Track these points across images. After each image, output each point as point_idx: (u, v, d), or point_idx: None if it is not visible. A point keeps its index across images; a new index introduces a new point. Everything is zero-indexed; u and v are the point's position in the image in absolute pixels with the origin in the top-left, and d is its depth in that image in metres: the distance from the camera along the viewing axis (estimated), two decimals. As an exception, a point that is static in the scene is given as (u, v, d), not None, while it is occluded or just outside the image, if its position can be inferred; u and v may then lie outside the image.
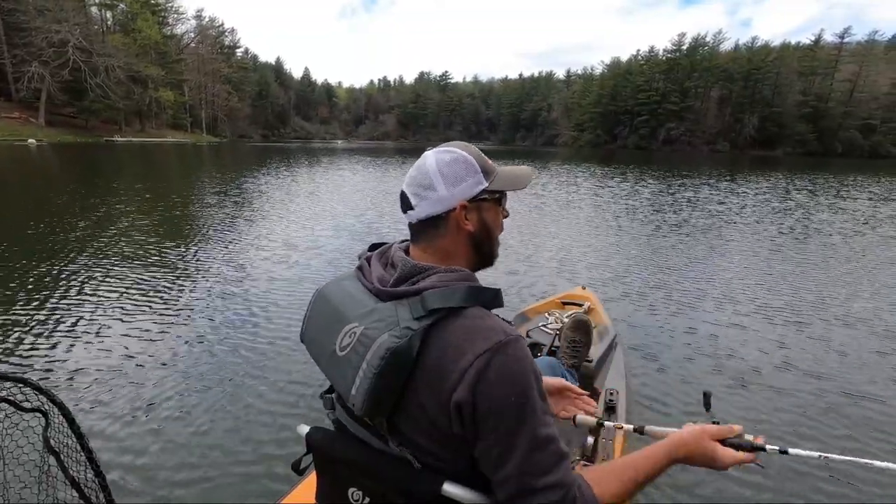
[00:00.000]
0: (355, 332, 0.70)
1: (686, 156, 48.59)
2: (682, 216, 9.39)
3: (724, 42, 72.48)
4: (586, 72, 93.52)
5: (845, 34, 65.95)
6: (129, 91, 48.74)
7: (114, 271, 4.80)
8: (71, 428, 0.92)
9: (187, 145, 45.48)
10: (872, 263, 6.04)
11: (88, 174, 15.94)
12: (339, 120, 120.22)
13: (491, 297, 0.72)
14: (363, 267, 0.82)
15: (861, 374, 3.10)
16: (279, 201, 10.18)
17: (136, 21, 55.06)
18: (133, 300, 4.04)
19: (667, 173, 20.69)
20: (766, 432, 2.45)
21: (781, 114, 62.51)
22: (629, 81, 74.36)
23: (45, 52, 40.46)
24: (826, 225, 8.76)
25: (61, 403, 0.91)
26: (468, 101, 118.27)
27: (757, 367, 3.17)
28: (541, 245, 6.59)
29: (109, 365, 2.91)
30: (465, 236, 0.79)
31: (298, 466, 0.87)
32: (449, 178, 0.77)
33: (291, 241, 6.43)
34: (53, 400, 0.90)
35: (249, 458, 2.12)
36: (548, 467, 0.65)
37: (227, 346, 3.23)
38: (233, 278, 4.74)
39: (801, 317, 4.13)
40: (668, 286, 4.89)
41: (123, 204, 9.09)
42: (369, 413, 0.68)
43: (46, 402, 0.89)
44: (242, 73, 76.80)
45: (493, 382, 0.63)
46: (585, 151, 58.22)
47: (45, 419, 0.89)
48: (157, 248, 5.84)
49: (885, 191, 15.40)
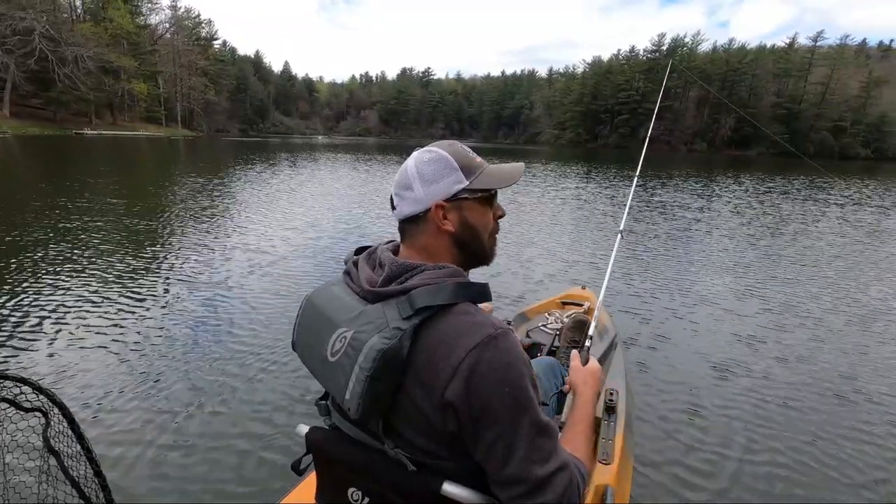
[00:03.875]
0: (346, 337, 0.70)
1: (665, 155, 49.49)
2: (682, 216, 9.41)
3: (703, 43, 74.06)
4: (568, 70, 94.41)
5: (818, 38, 67.97)
6: (100, 82, 47.04)
7: (108, 271, 4.53)
8: (71, 428, 0.92)
9: (162, 139, 44.14)
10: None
11: (54, 168, 15.21)
12: (320, 115, 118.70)
13: (478, 293, 0.73)
14: (350, 271, 0.81)
15: (868, 380, 3.06)
16: (265, 202, 9.83)
17: (108, 10, 53.02)
18: (132, 300, 3.97)
19: (651, 172, 20.87)
20: (763, 426, 2.53)
21: (756, 115, 64.00)
22: (610, 81, 75.14)
23: (10, 40, 38.62)
24: (827, 225, 8.85)
25: (61, 403, 0.91)
26: (450, 99, 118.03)
27: (758, 367, 3.19)
28: (541, 245, 6.54)
29: (107, 365, 2.88)
30: (446, 236, 0.78)
31: (298, 466, 0.87)
32: (425, 178, 0.76)
33: (290, 241, 6.26)
34: (53, 400, 0.90)
35: (249, 458, 2.12)
36: (550, 452, 0.67)
37: (226, 346, 3.20)
38: (231, 278, 4.63)
39: (802, 315, 4.17)
40: (669, 286, 4.90)
41: (95, 200, 8.62)
42: (365, 416, 0.68)
43: (46, 402, 0.90)
44: (220, 66, 74.85)
45: (486, 377, 0.64)
46: (567, 150, 58.88)
47: (45, 419, 0.89)
48: (151, 248, 5.55)
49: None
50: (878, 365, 3.30)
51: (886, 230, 8.81)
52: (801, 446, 2.38)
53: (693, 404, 2.71)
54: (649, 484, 2.05)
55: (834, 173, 24.38)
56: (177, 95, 63.83)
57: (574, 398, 1.01)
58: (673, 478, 2.10)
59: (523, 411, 0.65)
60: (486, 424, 0.65)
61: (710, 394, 2.83)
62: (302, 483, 1.24)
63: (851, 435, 2.50)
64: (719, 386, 2.93)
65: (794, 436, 2.46)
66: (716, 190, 14.84)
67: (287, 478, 1.78)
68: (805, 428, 2.53)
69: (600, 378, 1.07)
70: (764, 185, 17.01)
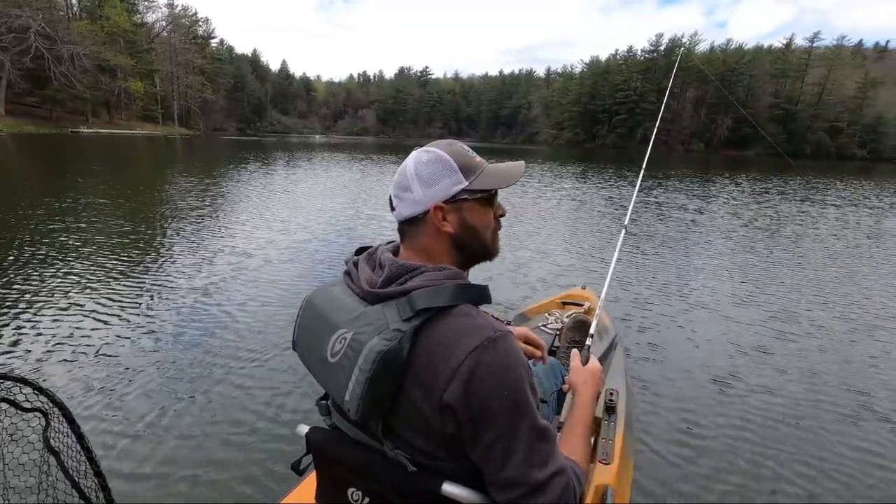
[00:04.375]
0: (345, 338, 0.70)
1: (663, 155, 49.52)
2: (681, 216, 9.39)
3: (700, 44, 74.14)
4: (566, 70, 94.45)
5: (815, 38, 68.20)
6: (97, 80, 46.78)
7: (107, 272, 4.45)
8: (71, 428, 0.92)
9: (158, 138, 43.92)
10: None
11: (49, 167, 15.08)
12: (318, 114, 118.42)
13: (478, 294, 0.72)
14: (350, 271, 0.81)
15: (871, 386, 3.03)
16: (258, 203, 9.77)
17: (104, 7, 52.81)
18: (132, 300, 3.93)
19: (647, 173, 20.85)
20: (764, 426, 2.52)
21: (754, 115, 64.12)
22: (608, 81, 75.22)
23: (5, 37, 38.39)
24: (825, 227, 8.84)
25: (61, 403, 0.91)
26: (448, 98, 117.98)
27: (758, 367, 3.18)
28: (541, 245, 6.51)
29: (106, 366, 2.85)
30: (445, 238, 0.77)
31: (298, 467, 0.87)
32: (424, 180, 0.75)
33: (288, 239, 6.21)
34: (53, 400, 0.90)
35: (249, 458, 2.11)
36: (548, 455, 0.67)
37: (226, 346, 3.18)
38: (232, 278, 4.60)
39: (802, 315, 4.17)
40: (670, 286, 4.88)
41: (81, 200, 8.53)
42: (365, 417, 0.68)
43: (46, 402, 0.90)
44: (217, 65, 74.62)
45: (486, 380, 0.64)
46: (565, 150, 58.85)
47: (45, 419, 0.89)
48: (150, 248, 5.49)
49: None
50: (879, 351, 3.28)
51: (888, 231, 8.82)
52: (803, 446, 2.37)
53: (693, 405, 2.69)
54: (649, 484, 2.04)
55: (830, 174, 24.44)
56: (174, 94, 63.56)
57: (573, 398, 1.00)
58: (673, 478, 2.09)
59: (522, 414, 0.65)
60: (485, 427, 0.64)
61: (711, 394, 2.82)
62: (302, 483, 1.24)
63: (853, 435, 2.48)
64: (719, 386, 2.92)
65: (795, 435, 2.44)
66: (713, 191, 14.85)
67: (287, 478, 1.77)
68: (807, 427, 2.51)
69: (601, 378, 1.05)
70: (760, 185, 17.03)
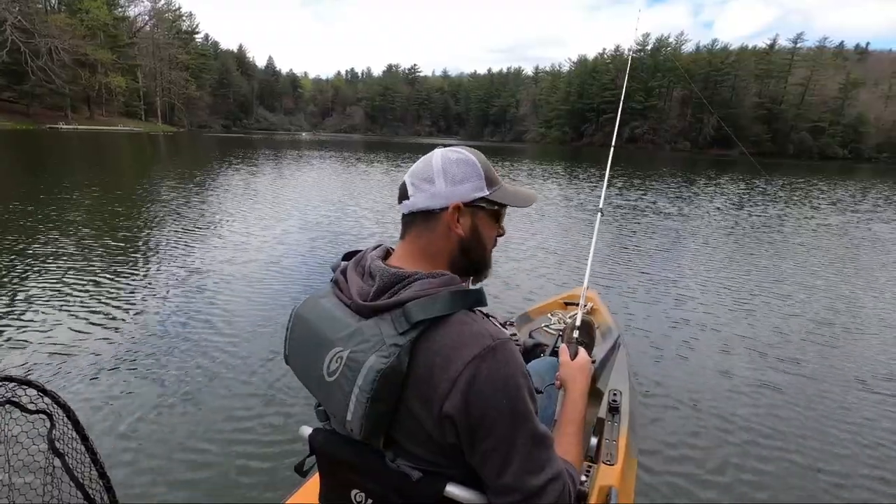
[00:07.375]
0: (342, 357, 0.68)
1: (649, 154, 50.02)
2: (681, 216, 9.39)
3: (686, 43, 74.96)
4: (554, 69, 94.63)
5: (798, 39, 69.25)
6: (76, 75, 45.85)
7: (108, 272, 4.29)
8: (76, 430, 0.92)
9: (141, 135, 43.12)
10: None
11: (25, 165, 14.62)
12: (305, 111, 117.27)
13: (474, 299, 0.71)
14: (339, 280, 0.79)
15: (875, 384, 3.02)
16: (240, 202, 9.55)
17: (83, 1, 51.63)
18: (131, 300, 3.93)
19: (639, 171, 20.96)
20: (767, 426, 2.50)
21: (739, 114, 64.98)
22: (595, 79, 75.62)
23: (-21, 30, 37.48)
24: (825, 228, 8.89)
25: (66, 405, 0.91)
26: (437, 96, 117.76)
27: (760, 367, 3.17)
28: (542, 245, 6.47)
29: (106, 367, 2.84)
30: (455, 240, 0.77)
31: (302, 468, 0.87)
32: (450, 176, 0.75)
33: (287, 238, 6.19)
34: (58, 401, 0.90)
35: (253, 459, 2.12)
36: (545, 461, 0.67)
37: (228, 347, 3.17)
38: (232, 279, 4.56)
39: (802, 316, 4.19)
40: (672, 286, 4.88)
41: (81, 198, 8.25)
42: (368, 435, 0.67)
43: (51, 403, 0.89)
44: (202, 60, 73.58)
45: (485, 389, 0.63)
46: (553, 148, 59.15)
47: (49, 421, 0.89)
48: (148, 247, 5.28)
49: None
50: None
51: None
52: (806, 445, 2.35)
53: (697, 405, 2.69)
54: (653, 484, 2.03)
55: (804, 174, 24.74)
56: (157, 90, 62.49)
57: (564, 395, 0.97)
58: (677, 478, 2.08)
59: (521, 423, 0.65)
60: (483, 435, 0.64)
61: (714, 394, 2.81)
62: (305, 484, 1.24)
63: (855, 433, 2.48)
64: (723, 386, 2.91)
65: (797, 435, 2.44)
66: (708, 190, 14.90)
67: (291, 479, 1.68)
68: (809, 427, 2.51)
69: (590, 371, 1.02)
70: (744, 184, 17.26)
